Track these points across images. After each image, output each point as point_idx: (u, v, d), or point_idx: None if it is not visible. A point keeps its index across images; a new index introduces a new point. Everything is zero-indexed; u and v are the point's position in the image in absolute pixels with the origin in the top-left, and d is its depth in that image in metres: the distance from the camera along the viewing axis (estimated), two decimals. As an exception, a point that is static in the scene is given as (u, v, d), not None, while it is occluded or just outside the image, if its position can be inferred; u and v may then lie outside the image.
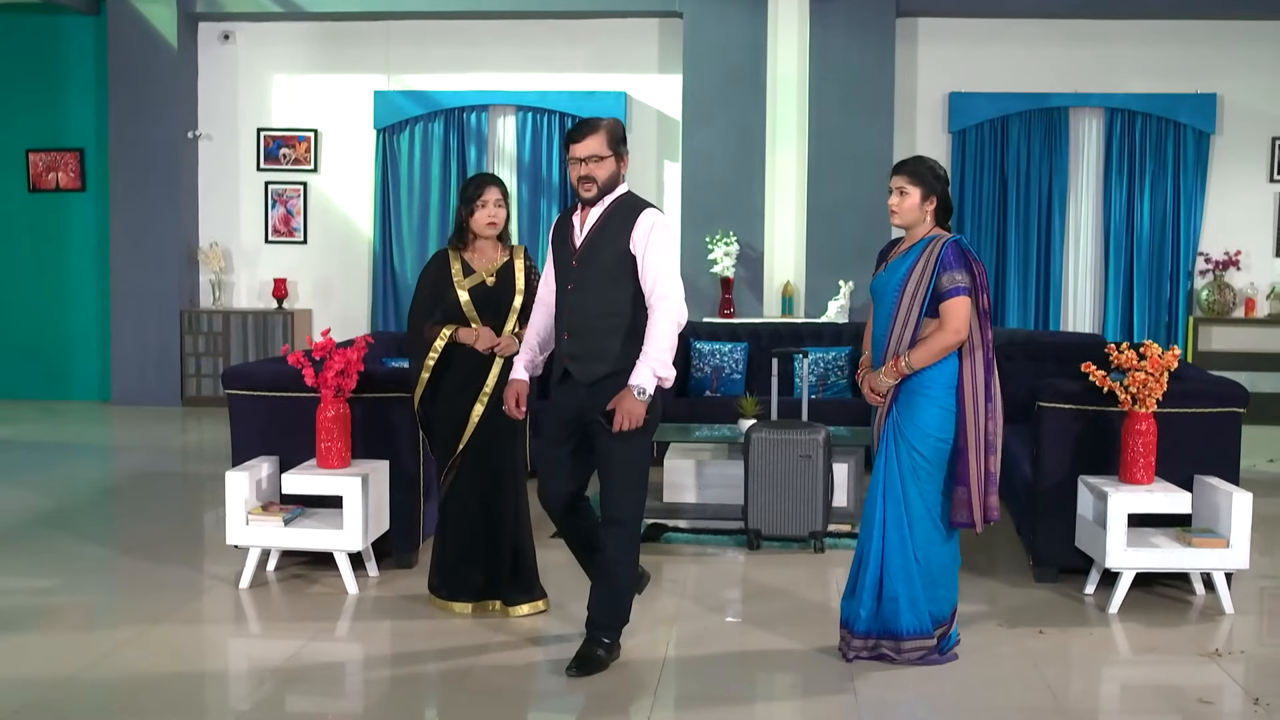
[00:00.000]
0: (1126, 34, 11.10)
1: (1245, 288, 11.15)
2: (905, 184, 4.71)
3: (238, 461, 5.94)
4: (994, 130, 11.24)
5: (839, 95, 10.89)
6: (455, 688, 4.51)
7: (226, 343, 11.46)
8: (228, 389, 6.02)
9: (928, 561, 4.70)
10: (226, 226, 11.81)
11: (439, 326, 5.22)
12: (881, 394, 4.69)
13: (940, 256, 4.59)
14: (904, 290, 4.64)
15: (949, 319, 4.55)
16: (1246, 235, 11.18)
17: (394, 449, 5.92)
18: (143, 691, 4.44)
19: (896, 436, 4.66)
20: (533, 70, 11.49)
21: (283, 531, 5.58)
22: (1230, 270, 11.08)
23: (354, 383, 5.58)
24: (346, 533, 5.50)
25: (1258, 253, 11.19)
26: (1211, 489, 5.53)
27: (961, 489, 4.65)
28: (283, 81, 11.76)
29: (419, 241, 11.55)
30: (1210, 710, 4.36)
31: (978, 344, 4.63)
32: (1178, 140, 11.07)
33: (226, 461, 9.06)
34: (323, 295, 11.85)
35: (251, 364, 6.34)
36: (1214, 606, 5.50)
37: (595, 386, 4.51)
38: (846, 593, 4.86)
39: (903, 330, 4.63)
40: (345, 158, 11.75)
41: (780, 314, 10.96)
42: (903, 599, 4.68)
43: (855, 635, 4.75)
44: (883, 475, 4.70)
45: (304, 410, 5.81)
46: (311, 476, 5.53)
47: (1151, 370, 5.40)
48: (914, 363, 4.57)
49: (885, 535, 4.69)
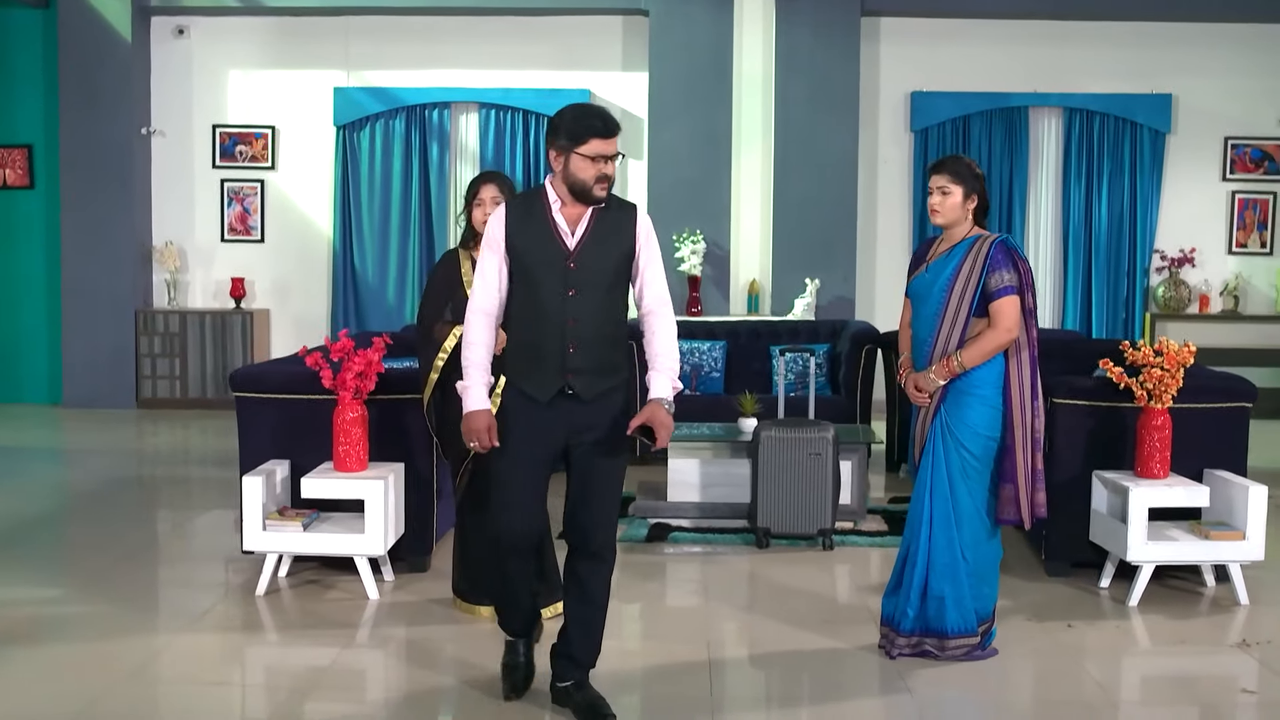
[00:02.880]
0: (1085, 35, 11.28)
1: (1199, 284, 11.39)
2: (947, 183, 4.73)
3: (246, 466, 5.80)
4: (955, 129, 11.36)
5: (804, 94, 10.93)
6: (496, 694, 4.44)
7: (183, 344, 11.22)
8: (236, 392, 5.89)
9: (976, 560, 4.73)
10: (181, 225, 11.57)
11: (448, 326, 5.16)
12: (929, 393, 4.70)
13: (989, 256, 4.61)
14: (951, 290, 4.66)
15: (1001, 318, 4.58)
16: (1200, 233, 11.41)
17: (408, 451, 5.84)
18: (196, 700, 4.35)
19: (946, 436, 4.68)
20: (496, 67, 11.40)
21: (302, 537, 5.47)
22: (1185, 267, 11.30)
23: (373, 384, 5.49)
24: (369, 537, 5.41)
25: (1211, 250, 11.44)
26: (1225, 483, 5.63)
27: (1009, 486, 4.69)
28: (239, 77, 11.54)
29: (380, 240, 11.41)
30: (1252, 700, 4.44)
31: (1024, 343, 4.67)
32: (1134, 140, 11.27)
33: (199, 465, 9.08)
34: (281, 295, 11.65)
35: (260, 365, 6.21)
36: (1227, 598, 5.60)
37: (595, 403, 4.08)
38: (889, 590, 4.88)
39: (951, 329, 4.65)
40: (304, 155, 11.56)
41: (746, 312, 10.99)
42: (949, 598, 4.70)
43: (900, 634, 4.77)
44: (930, 474, 4.72)
45: (315, 413, 5.71)
46: (333, 480, 5.43)
47: (1168, 366, 5.49)
48: (966, 362, 4.60)
49: (932, 534, 4.71)
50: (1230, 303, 11.30)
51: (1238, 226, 11.40)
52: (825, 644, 4.98)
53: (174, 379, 11.23)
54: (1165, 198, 11.36)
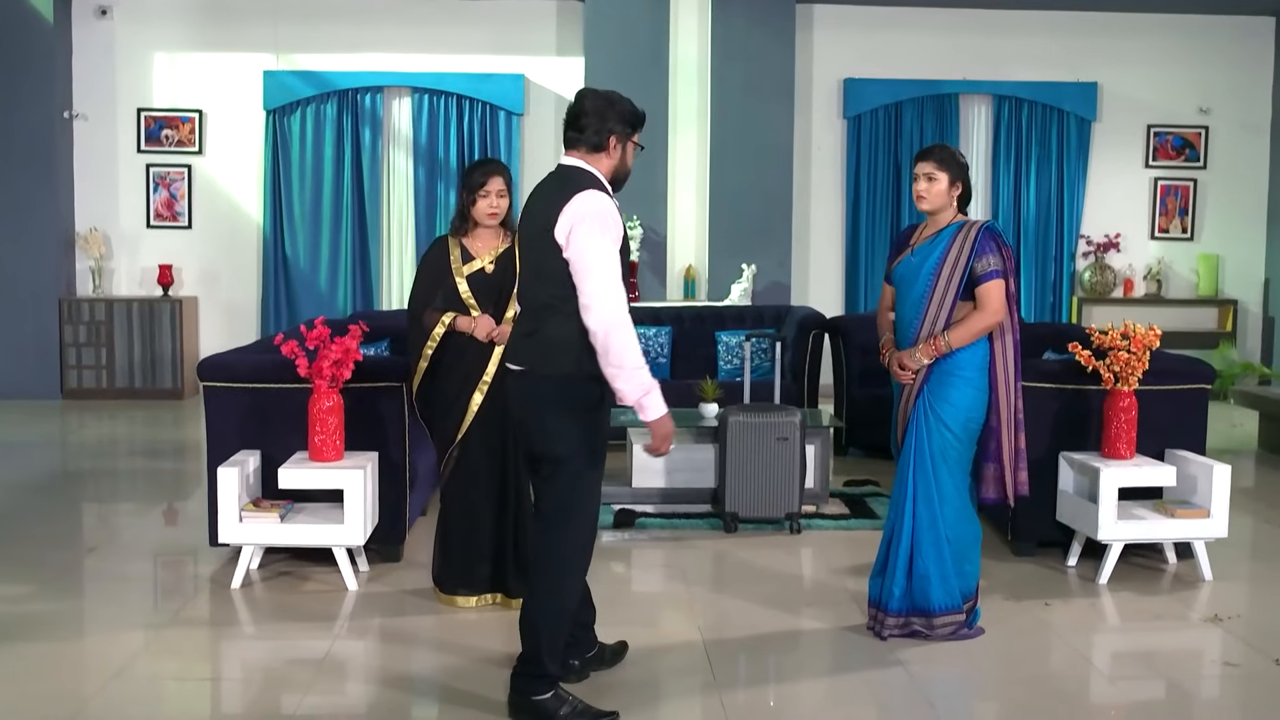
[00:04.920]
0: (1014, 24, 11.48)
1: (1124, 269, 11.68)
2: (934, 170, 4.78)
3: (214, 456, 5.68)
4: (888, 116, 11.50)
5: (740, 80, 10.98)
6: (502, 679, 4.41)
7: (110, 332, 10.95)
8: (204, 381, 5.76)
9: (958, 539, 4.81)
10: (106, 211, 11.29)
11: (438, 314, 5.12)
12: (914, 371, 4.77)
13: (977, 241, 4.68)
14: (939, 274, 4.72)
15: (988, 301, 4.66)
16: (1125, 218, 11.71)
17: (380, 439, 5.77)
18: (192, 698, 4.28)
19: (929, 416, 4.75)
20: (429, 51, 11.30)
21: (280, 528, 5.38)
22: (1110, 252, 11.57)
23: (349, 372, 5.42)
24: (348, 527, 5.34)
25: (1135, 235, 11.74)
26: (1189, 462, 5.78)
27: (993, 466, 4.79)
28: (164, 60, 11.29)
29: (311, 226, 11.25)
30: (1239, 672, 4.58)
31: (1008, 326, 4.75)
32: (1061, 127, 11.51)
33: (135, 457, 8.90)
34: (210, 282, 11.44)
35: (229, 354, 6.06)
36: (1190, 573, 5.76)
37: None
38: (875, 571, 4.94)
39: (938, 312, 4.71)
40: (232, 139, 11.36)
41: (683, 297, 11.03)
42: (934, 576, 4.77)
43: (889, 614, 4.83)
44: (913, 455, 4.78)
45: (286, 402, 5.62)
46: (311, 470, 5.35)
47: (1134, 350, 5.62)
48: (953, 342, 4.67)
49: (915, 513, 4.78)
50: (1153, 287, 11.60)
51: (1160, 212, 11.70)
52: (813, 625, 5.03)
53: (100, 369, 10.96)
54: (1091, 184, 11.63)
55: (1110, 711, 4.28)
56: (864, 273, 11.53)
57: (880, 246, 11.44)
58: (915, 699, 4.29)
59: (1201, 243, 11.75)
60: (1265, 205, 11.76)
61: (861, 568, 5.82)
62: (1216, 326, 11.54)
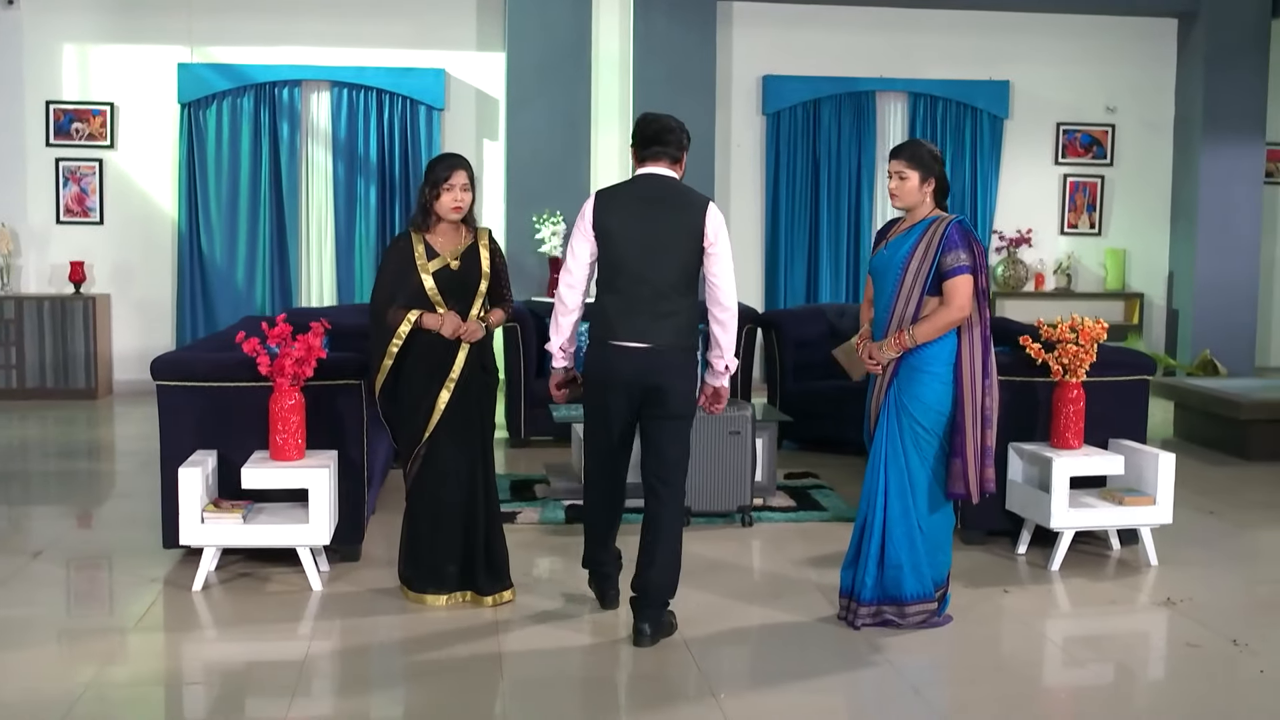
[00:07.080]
0: (928, 23, 11.69)
1: (1035, 264, 11.97)
2: (904, 168, 4.87)
3: (169, 457, 5.57)
4: (806, 112, 11.63)
5: (662, 76, 11.00)
6: (488, 676, 4.41)
7: (19, 331, 10.62)
8: (158, 379, 5.63)
9: (931, 529, 4.90)
10: (12, 206, 10.95)
11: (403, 311, 5.07)
12: (882, 364, 4.85)
13: (944, 236, 4.77)
14: (907, 268, 4.81)
15: (954, 296, 4.75)
16: (1036, 214, 12.00)
17: (339, 438, 5.71)
18: (172, 703, 4.19)
19: (898, 410, 4.83)
20: (348, 45, 11.15)
21: (243, 529, 5.30)
22: (1023, 247, 11.85)
23: (312, 370, 5.35)
24: (313, 527, 5.28)
25: (1046, 230, 12.03)
26: (1135, 451, 5.97)
27: (958, 461, 4.85)
28: (74, 51, 10.99)
29: (228, 221, 11.04)
30: (1200, 653, 4.74)
31: (976, 321, 4.85)
32: (974, 124, 11.75)
33: (57, 458, 8.64)
34: (123, 279, 11.17)
35: (183, 352, 5.94)
36: (1134, 559, 5.95)
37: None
38: (847, 562, 5.01)
39: (905, 306, 4.80)
40: (146, 133, 11.09)
41: (607, 293, 11.02)
42: (906, 565, 4.86)
43: (861, 603, 4.91)
44: (885, 446, 4.87)
45: (242, 401, 5.53)
46: (275, 470, 5.27)
47: (1083, 342, 5.78)
48: (918, 337, 4.76)
49: (888, 504, 4.87)
50: (1063, 281, 11.90)
51: (1069, 208, 12.01)
52: (785, 618, 5.09)
53: (9, 368, 10.64)
54: (1003, 180, 11.90)
55: (1096, 694, 4.42)
56: (783, 268, 11.63)
57: (799, 242, 11.58)
58: (900, 687, 4.37)
59: (1109, 238, 12.09)
60: (1168, 201, 12.12)
61: (818, 559, 5.91)
62: (1124, 319, 11.87)
